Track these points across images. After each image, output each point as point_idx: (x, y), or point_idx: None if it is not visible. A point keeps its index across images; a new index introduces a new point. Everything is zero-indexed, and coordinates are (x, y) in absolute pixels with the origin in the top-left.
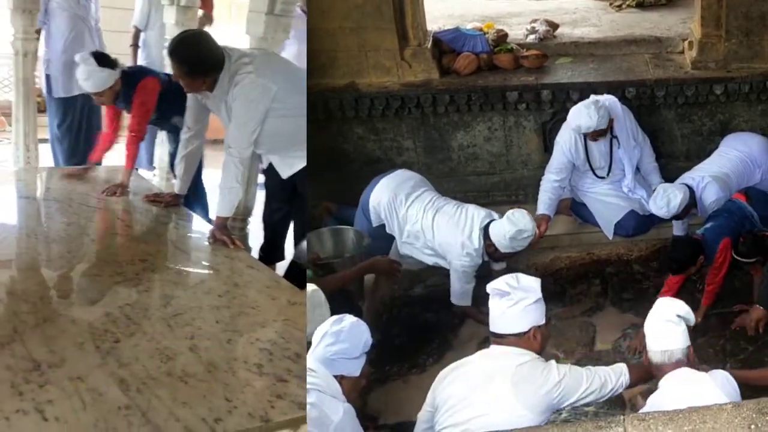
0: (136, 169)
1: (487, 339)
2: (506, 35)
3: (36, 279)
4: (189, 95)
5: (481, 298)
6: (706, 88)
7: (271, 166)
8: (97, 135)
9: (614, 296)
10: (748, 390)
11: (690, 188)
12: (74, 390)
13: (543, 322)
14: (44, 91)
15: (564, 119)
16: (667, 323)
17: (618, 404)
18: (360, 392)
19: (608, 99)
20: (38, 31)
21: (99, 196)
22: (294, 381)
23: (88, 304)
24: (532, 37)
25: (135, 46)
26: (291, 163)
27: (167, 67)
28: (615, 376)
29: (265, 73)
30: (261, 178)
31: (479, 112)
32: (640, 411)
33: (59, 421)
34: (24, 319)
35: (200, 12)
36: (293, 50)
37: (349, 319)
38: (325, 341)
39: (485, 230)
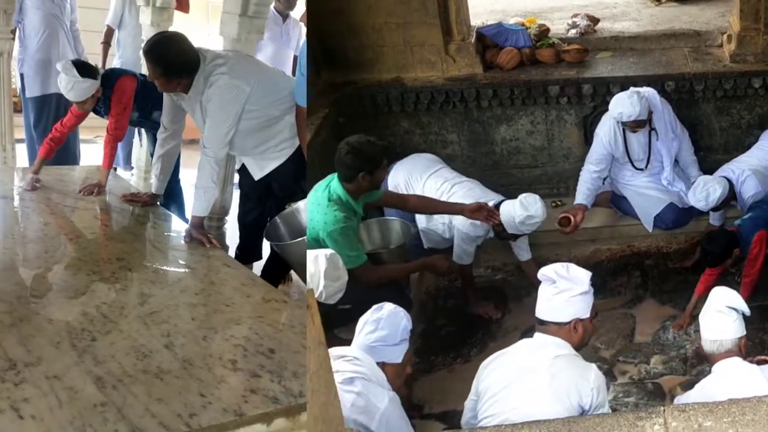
0: (115, 168)
1: (532, 329)
2: (548, 30)
3: (13, 279)
4: (165, 96)
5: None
6: (745, 82)
7: (244, 166)
8: (73, 135)
9: (654, 288)
10: None
11: (729, 181)
12: (50, 388)
13: (587, 315)
14: (19, 90)
15: (604, 113)
16: (719, 313)
17: (658, 395)
18: (405, 380)
19: (648, 91)
20: (14, 31)
21: (76, 195)
22: (267, 376)
23: (65, 303)
24: (573, 31)
25: (106, 44)
26: (263, 165)
27: (143, 67)
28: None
29: (239, 74)
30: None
31: (522, 106)
32: (679, 400)
33: (35, 419)
34: (0, 319)
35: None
36: (269, 51)
37: (387, 307)
38: (366, 329)
39: (496, 208)
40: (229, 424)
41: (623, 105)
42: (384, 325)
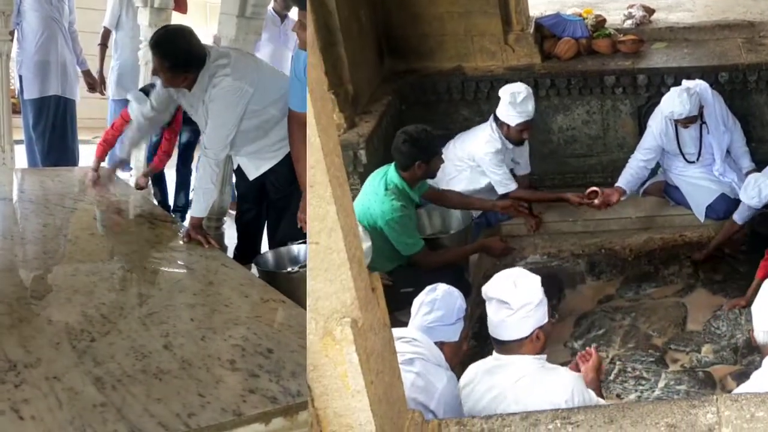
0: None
1: (586, 315)
2: (604, 20)
3: (12, 280)
4: (159, 84)
5: None
6: None
7: (240, 167)
8: (72, 136)
9: (705, 278)
10: None
11: None
12: (50, 389)
13: (546, 320)
14: (17, 92)
15: (658, 103)
16: None
17: (708, 384)
18: (461, 358)
19: (699, 85)
20: (12, 33)
21: (75, 196)
22: (265, 376)
23: (64, 304)
24: (629, 22)
25: (104, 45)
26: (258, 165)
27: (140, 69)
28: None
29: (242, 75)
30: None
31: (578, 95)
32: (734, 392)
33: (35, 419)
34: (0, 320)
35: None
36: (267, 52)
37: (441, 287)
38: (422, 311)
39: (496, 120)
40: (227, 424)
41: (673, 104)
42: (440, 305)
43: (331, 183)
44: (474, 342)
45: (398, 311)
